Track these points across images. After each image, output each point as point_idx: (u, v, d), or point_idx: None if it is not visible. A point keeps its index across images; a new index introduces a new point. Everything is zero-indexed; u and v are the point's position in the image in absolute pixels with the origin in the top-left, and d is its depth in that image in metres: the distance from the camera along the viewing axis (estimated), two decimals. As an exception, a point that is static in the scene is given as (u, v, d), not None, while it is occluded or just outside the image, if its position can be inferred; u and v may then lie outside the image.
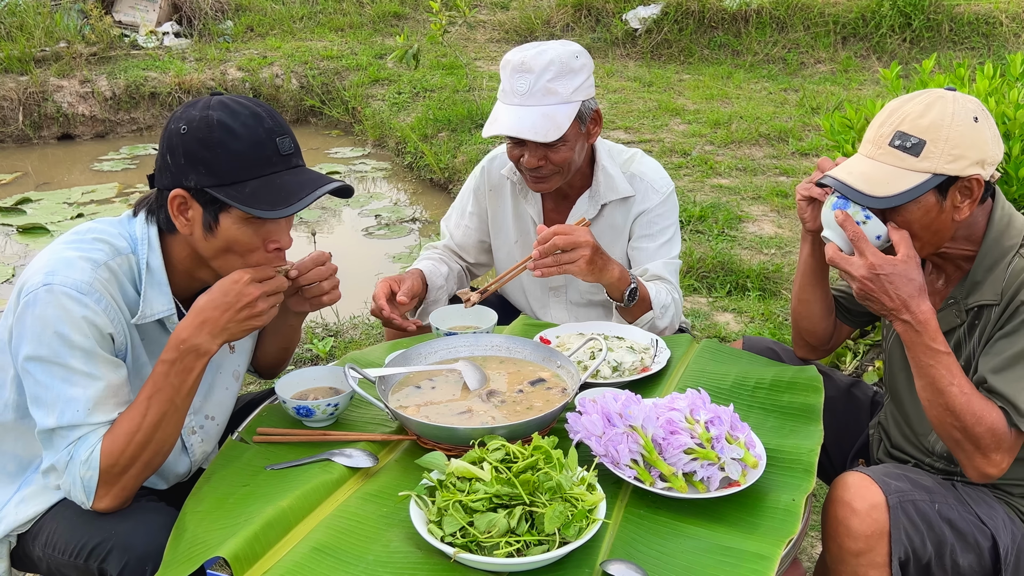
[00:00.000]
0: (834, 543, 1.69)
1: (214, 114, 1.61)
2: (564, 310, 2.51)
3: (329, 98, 8.15)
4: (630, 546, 1.45)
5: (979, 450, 1.68)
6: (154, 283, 1.71)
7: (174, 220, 1.66)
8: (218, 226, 1.64)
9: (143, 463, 1.63)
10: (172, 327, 1.74)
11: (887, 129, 1.70)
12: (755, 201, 5.42)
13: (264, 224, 1.66)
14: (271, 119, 1.65)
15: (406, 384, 1.88)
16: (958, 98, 1.69)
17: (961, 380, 1.69)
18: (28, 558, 1.78)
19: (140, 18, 9.19)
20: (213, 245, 1.66)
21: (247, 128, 1.61)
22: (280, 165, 1.64)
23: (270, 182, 1.62)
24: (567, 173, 2.28)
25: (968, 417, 1.67)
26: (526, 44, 2.25)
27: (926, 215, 1.70)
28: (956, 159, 1.65)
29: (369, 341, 3.96)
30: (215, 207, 1.63)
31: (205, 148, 1.59)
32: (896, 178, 1.67)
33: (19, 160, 7.22)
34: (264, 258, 1.69)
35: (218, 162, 1.59)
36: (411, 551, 1.42)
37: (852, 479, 1.70)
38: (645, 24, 9.08)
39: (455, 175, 6.20)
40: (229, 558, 1.38)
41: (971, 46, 8.30)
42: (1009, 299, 1.71)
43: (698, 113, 7.19)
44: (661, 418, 1.61)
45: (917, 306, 1.68)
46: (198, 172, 1.60)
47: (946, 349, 1.70)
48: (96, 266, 1.63)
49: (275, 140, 1.63)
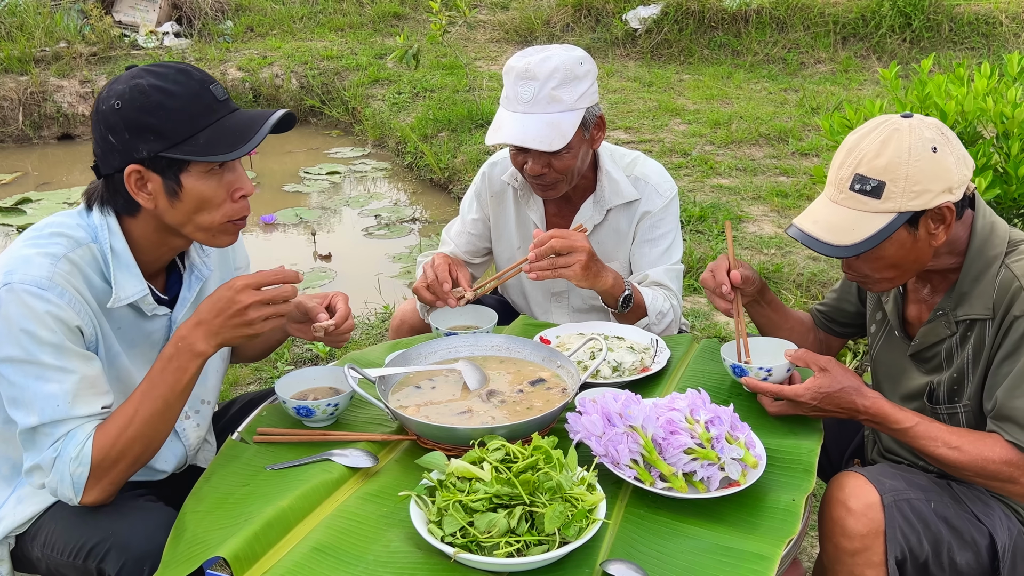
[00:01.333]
0: (830, 543, 1.70)
1: (143, 81, 1.60)
2: (566, 315, 2.50)
3: (329, 98, 8.16)
4: (630, 546, 1.45)
5: (1004, 482, 1.69)
6: (122, 266, 1.69)
7: (135, 197, 1.64)
8: (182, 188, 1.62)
9: (133, 458, 1.62)
10: (148, 310, 1.74)
11: (846, 172, 1.67)
12: (755, 201, 5.42)
13: (224, 174, 1.65)
14: (197, 72, 1.65)
15: (406, 384, 1.88)
16: (915, 127, 1.64)
17: (946, 437, 1.70)
18: (27, 559, 1.78)
19: (140, 18, 9.19)
20: (182, 210, 1.65)
21: (179, 84, 1.60)
22: (222, 110, 1.63)
23: (219, 128, 1.61)
24: (571, 180, 2.28)
25: (972, 466, 1.68)
26: (529, 49, 2.24)
27: (900, 249, 1.68)
28: (919, 195, 1.62)
29: (369, 341, 3.97)
30: (174, 170, 1.61)
31: (147, 114, 1.58)
32: (861, 223, 1.64)
33: (19, 160, 7.23)
34: (233, 209, 1.68)
35: (164, 124, 1.58)
36: (411, 551, 1.42)
37: (848, 479, 1.70)
38: (645, 24, 9.08)
39: (455, 175, 6.20)
40: (229, 558, 1.38)
41: (971, 46, 8.30)
42: (1003, 315, 1.69)
43: (698, 113, 7.19)
44: (661, 418, 1.61)
45: (862, 404, 1.72)
46: (147, 140, 1.59)
47: (912, 422, 1.71)
48: (55, 260, 1.61)
49: (209, 88, 1.63)
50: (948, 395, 1.82)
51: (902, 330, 1.91)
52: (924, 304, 1.86)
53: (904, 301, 1.91)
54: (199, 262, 1.85)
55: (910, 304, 1.90)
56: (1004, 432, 1.68)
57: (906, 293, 1.91)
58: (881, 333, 1.97)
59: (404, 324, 2.52)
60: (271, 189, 6.58)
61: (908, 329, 1.91)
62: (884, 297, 1.94)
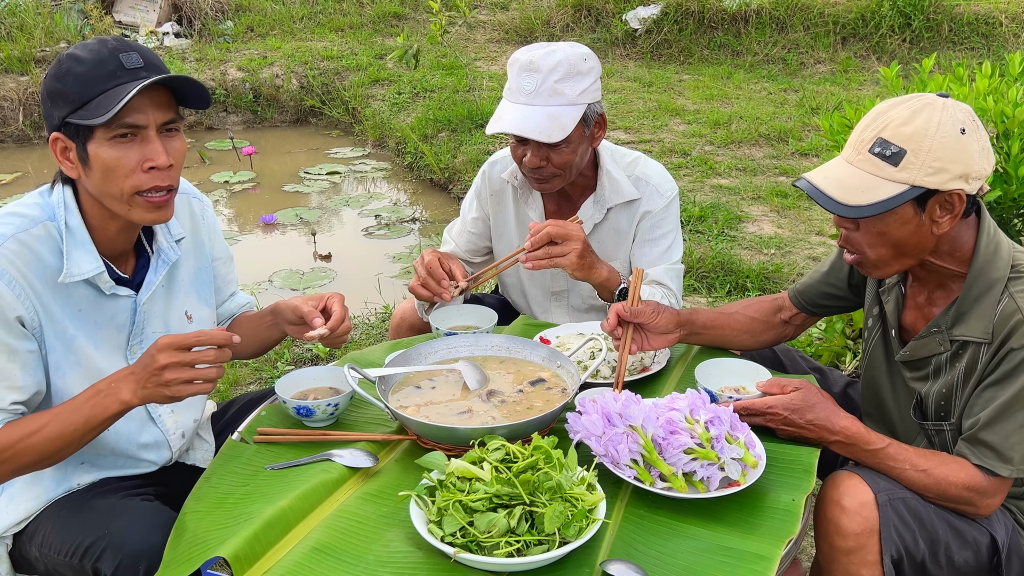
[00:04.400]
0: (825, 542, 1.70)
1: (65, 52, 1.62)
2: (566, 315, 2.51)
3: (329, 98, 8.15)
4: (630, 546, 1.45)
5: (967, 504, 1.70)
6: (76, 243, 1.67)
7: (62, 167, 1.65)
8: (88, 156, 1.62)
9: (19, 464, 1.60)
10: (106, 289, 1.72)
11: (869, 134, 1.65)
12: (755, 201, 5.42)
13: (134, 144, 1.62)
14: (116, 41, 1.63)
15: (406, 384, 1.88)
16: (948, 106, 1.63)
17: (914, 460, 1.70)
18: (26, 559, 1.78)
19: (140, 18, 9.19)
20: (93, 180, 1.64)
21: (91, 51, 1.60)
22: (125, 77, 1.59)
23: (112, 93, 1.58)
24: (569, 176, 2.28)
25: (936, 488, 1.69)
26: (534, 44, 2.25)
27: (903, 227, 1.66)
28: (937, 172, 1.60)
29: (369, 341, 3.96)
30: (81, 138, 1.61)
31: (57, 80, 1.60)
32: (872, 187, 1.62)
33: (19, 160, 7.22)
34: (140, 180, 1.63)
35: (67, 88, 1.59)
36: (411, 551, 1.42)
37: (842, 478, 1.70)
38: (645, 24, 9.08)
39: (455, 175, 6.20)
40: (229, 558, 1.38)
41: (971, 46, 8.30)
42: (1000, 343, 1.68)
43: (698, 113, 7.20)
44: (661, 418, 1.61)
45: (837, 424, 1.72)
46: (58, 106, 1.60)
47: (883, 443, 1.72)
48: (1, 240, 1.61)
49: (118, 56, 1.60)
50: (936, 412, 1.81)
51: (897, 334, 1.90)
52: (920, 313, 1.85)
53: (903, 305, 1.91)
54: (166, 246, 1.83)
55: (908, 310, 1.89)
56: (973, 456, 1.68)
57: (905, 297, 1.90)
58: (877, 330, 1.97)
59: (404, 322, 2.53)
60: (271, 189, 6.58)
61: (903, 334, 1.90)
62: (885, 297, 1.93)
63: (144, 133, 1.62)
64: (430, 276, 2.17)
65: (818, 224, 5.05)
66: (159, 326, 1.84)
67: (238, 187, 6.58)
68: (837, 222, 1.77)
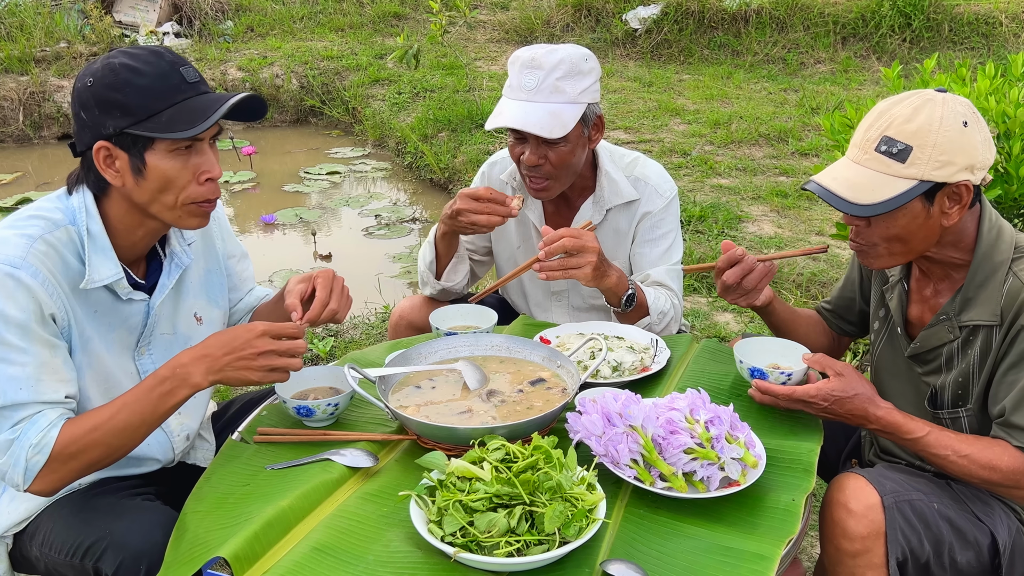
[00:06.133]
0: (831, 544, 1.70)
1: (115, 60, 1.62)
2: (566, 314, 2.51)
3: (329, 98, 8.16)
4: (630, 546, 1.45)
5: (1010, 487, 1.70)
6: (97, 248, 1.69)
7: (103, 174, 1.65)
8: (146, 167, 1.63)
9: (90, 460, 1.61)
10: (123, 294, 1.73)
11: (874, 133, 1.68)
12: (755, 201, 5.42)
13: (191, 156, 1.65)
14: (170, 54, 1.66)
15: (406, 384, 1.88)
16: (948, 100, 1.66)
17: (955, 445, 1.71)
18: (26, 559, 1.78)
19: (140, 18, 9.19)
20: (147, 189, 1.65)
21: (149, 64, 1.62)
22: (189, 91, 1.64)
23: (183, 107, 1.62)
24: (565, 179, 2.27)
25: (980, 473, 1.69)
26: (536, 44, 2.25)
27: (912, 221, 1.69)
28: (944, 165, 1.63)
29: (369, 341, 3.97)
30: (138, 148, 1.62)
31: (114, 91, 1.60)
32: (881, 185, 1.65)
33: (19, 160, 7.23)
34: (198, 191, 1.68)
35: (129, 100, 1.60)
36: (411, 551, 1.42)
37: (848, 480, 1.70)
38: (645, 24, 9.08)
39: (455, 175, 6.20)
40: (229, 558, 1.38)
41: (971, 46, 8.30)
42: (1011, 323, 1.70)
43: (698, 113, 7.20)
44: (661, 418, 1.61)
45: (874, 413, 1.73)
46: (113, 117, 1.60)
47: (924, 431, 1.72)
48: (31, 241, 1.62)
49: (179, 70, 1.64)
50: (952, 400, 1.82)
51: (904, 330, 1.91)
52: (927, 305, 1.86)
53: (907, 300, 1.91)
54: (179, 250, 1.85)
55: (913, 304, 1.90)
56: (1013, 439, 1.69)
57: (909, 292, 1.91)
58: (884, 331, 1.97)
59: (403, 320, 2.53)
60: (271, 189, 6.58)
61: (910, 330, 1.91)
62: (888, 295, 1.94)
63: (199, 145, 1.66)
64: (491, 200, 2.18)
65: (818, 224, 5.05)
66: (167, 328, 1.85)
67: (238, 187, 6.58)
68: (847, 220, 1.79)
